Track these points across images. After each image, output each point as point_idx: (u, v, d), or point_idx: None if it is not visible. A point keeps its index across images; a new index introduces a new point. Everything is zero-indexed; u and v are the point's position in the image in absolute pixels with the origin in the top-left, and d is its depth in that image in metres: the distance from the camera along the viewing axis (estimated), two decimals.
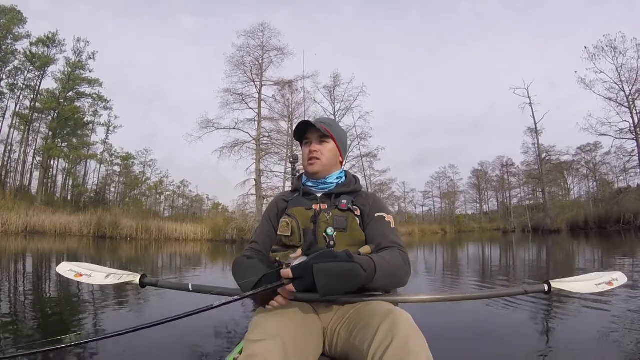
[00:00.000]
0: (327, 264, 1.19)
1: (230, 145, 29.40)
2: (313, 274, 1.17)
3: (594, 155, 44.48)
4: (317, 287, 1.17)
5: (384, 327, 1.16)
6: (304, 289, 1.20)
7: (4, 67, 34.70)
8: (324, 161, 1.74)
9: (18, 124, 36.17)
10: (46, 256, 11.41)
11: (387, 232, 1.59)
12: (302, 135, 1.79)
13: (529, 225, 39.90)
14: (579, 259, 10.97)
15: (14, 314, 4.10)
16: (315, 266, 1.18)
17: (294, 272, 1.20)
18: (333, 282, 1.18)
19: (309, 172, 1.76)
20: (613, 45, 30.23)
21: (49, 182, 39.37)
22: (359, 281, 1.24)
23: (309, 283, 1.18)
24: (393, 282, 1.44)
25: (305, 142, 1.79)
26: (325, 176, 1.77)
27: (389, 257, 1.42)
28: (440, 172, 62.02)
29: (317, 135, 1.75)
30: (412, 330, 1.15)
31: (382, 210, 1.68)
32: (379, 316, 1.23)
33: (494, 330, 3.80)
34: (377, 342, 1.13)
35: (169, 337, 3.31)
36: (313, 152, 1.73)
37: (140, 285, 1.94)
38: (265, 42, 31.40)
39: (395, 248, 1.50)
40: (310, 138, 1.76)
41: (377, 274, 1.30)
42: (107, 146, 42.92)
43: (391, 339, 1.10)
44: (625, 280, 1.94)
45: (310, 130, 1.76)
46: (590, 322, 3.87)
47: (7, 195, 27.56)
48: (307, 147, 1.76)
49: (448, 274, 8.84)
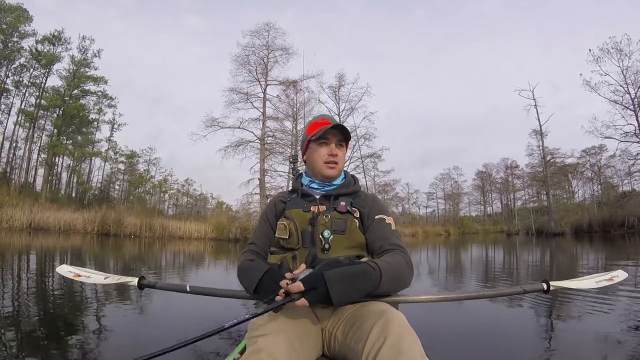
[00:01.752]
0: (336, 269, 1.19)
1: (234, 144, 29.50)
2: (325, 282, 1.16)
3: (598, 158, 44.44)
4: (331, 294, 1.15)
5: (376, 327, 1.15)
6: (317, 301, 1.17)
7: (10, 64, 34.84)
8: (340, 166, 1.71)
9: (23, 121, 36.35)
10: (50, 253, 11.43)
11: (388, 234, 1.56)
12: (321, 133, 1.68)
13: (532, 227, 39.69)
14: (582, 262, 10.91)
15: (16, 311, 4.10)
16: (326, 273, 1.17)
17: (305, 284, 1.17)
18: (347, 287, 1.18)
19: (327, 175, 1.69)
20: (618, 48, 29.99)
21: (54, 179, 39.56)
22: (371, 282, 1.24)
23: (322, 292, 1.16)
24: (397, 285, 1.41)
25: (322, 142, 1.69)
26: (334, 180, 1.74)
27: (392, 260, 1.40)
28: (445, 174, 62.12)
29: (337, 139, 1.70)
30: (405, 330, 1.14)
31: (382, 211, 1.64)
32: (373, 317, 1.22)
33: (496, 331, 3.78)
34: (370, 343, 1.13)
35: (168, 338, 3.32)
36: (335, 156, 1.68)
37: (138, 287, 1.94)
38: (271, 42, 31.51)
39: (398, 250, 1.48)
40: (331, 140, 1.69)
41: (382, 278, 1.29)
42: (112, 144, 43.22)
43: (384, 340, 1.10)
44: (626, 276, 1.96)
45: (331, 131, 1.68)
46: (594, 322, 3.84)
47: (12, 192, 27.71)
48: (325, 148, 1.68)
49: (451, 276, 8.83)
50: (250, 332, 1.24)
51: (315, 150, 1.70)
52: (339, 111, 34.87)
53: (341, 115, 34.53)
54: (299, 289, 1.17)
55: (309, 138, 1.72)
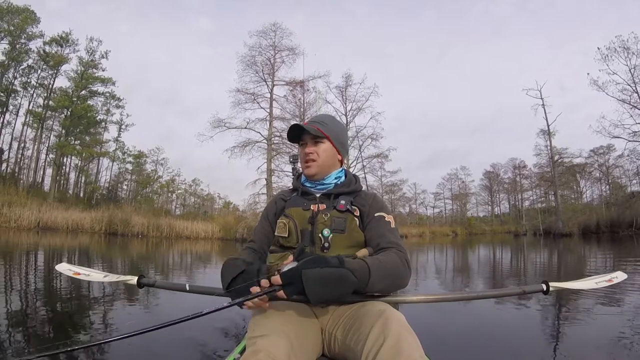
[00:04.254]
0: (315, 270, 1.18)
1: (241, 144, 29.56)
2: (301, 280, 1.16)
3: (606, 158, 44.03)
4: (307, 293, 1.16)
5: (376, 328, 1.16)
6: (295, 295, 1.18)
7: (18, 65, 35.15)
8: (320, 162, 1.69)
9: (31, 121, 36.66)
10: (57, 252, 11.51)
11: (386, 232, 1.55)
12: (298, 137, 1.74)
13: (540, 228, 39.47)
14: (589, 263, 10.82)
15: (24, 310, 4.14)
16: (304, 272, 1.17)
17: (283, 279, 1.18)
18: (322, 288, 1.17)
19: (306, 174, 1.72)
20: (626, 46, 29.61)
21: (62, 179, 39.90)
22: (350, 287, 1.21)
23: (299, 289, 1.16)
24: (391, 284, 1.40)
25: (301, 143, 1.74)
26: (324, 177, 1.73)
27: (385, 258, 1.39)
28: (452, 174, 61.85)
29: (311, 137, 1.70)
30: (404, 330, 1.14)
31: (381, 209, 1.64)
32: (372, 317, 1.22)
33: (499, 331, 3.77)
34: (369, 344, 1.13)
35: (167, 339, 3.32)
36: (308, 154, 1.68)
37: (137, 286, 1.95)
38: (277, 42, 31.52)
39: (393, 249, 1.47)
40: (305, 139, 1.71)
41: (371, 278, 1.27)
42: (120, 144, 43.41)
43: (383, 340, 1.10)
44: (625, 277, 1.97)
45: (304, 130, 1.71)
46: (600, 325, 3.80)
47: (20, 192, 27.99)
48: (303, 149, 1.72)
49: (457, 276, 8.80)
50: (250, 333, 1.24)
51: (299, 153, 1.76)
52: (345, 111, 34.78)
53: (348, 116, 34.47)
54: (278, 282, 1.18)
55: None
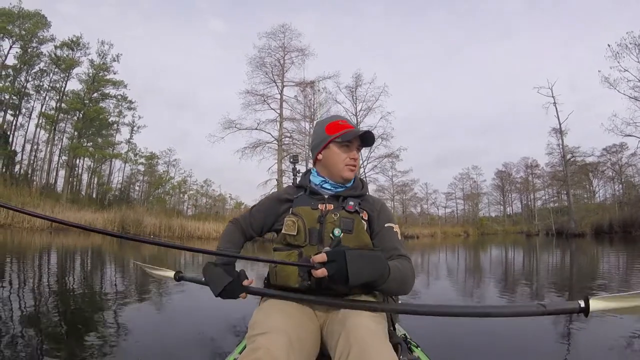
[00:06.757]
0: (357, 251, 1.26)
1: (252, 145, 29.76)
2: (345, 258, 1.20)
3: (619, 156, 43.59)
4: (349, 270, 1.19)
5: (341, 339, 1.21)
6: (335, 272, 1.21)
7: (30, 69, 35.73)
8: (356, 169, 1.73)
9: (44, 123, 37.20)
10: (70, 252, 11.64)
11: (396, 243, 1.60)
12: (349, 140, 1.69)
13: (552, 228, 39.15)
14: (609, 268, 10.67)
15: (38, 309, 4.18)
16: (347, 251, 1.23)
17: (328, 256, 1.22)
18: (363, 267, 1.23)
19: (347, 177, 1.70)
20: (637, 43, 29.34)
21: (75, 180, 40.39)
22: (385, 268, 1.30)
23: (341, 266, 1.20)
24: (400, 289, 1.45)
25: (347, 144, 1.69)
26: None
27: (402, 266, 1.45)
28: (464, 173, 61.75)
29: (358, 143, 1.72)
30: (369, 337, 1.19)
31: (390, 220, 1.67)
32: (340, 324, 1.29)
33: (507, 343, 3.51)
34: (338, 353, 1.19)
35: (167, 338, 3.34)
36: (356, 160, 1.70)
37: (175, 279, 2.16)
38: (287, 43, 31.67)
39: (405, 259, 1.53)
40: (354, 144, 1.70)
41: (390, 277, 1.33)
42: (132, 146, 43.89)
43: (348, 352, 1.15)
44: None
45: (357, 136, 1.70)
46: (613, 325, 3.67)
47: (33, 193, 28.36)
48: (348, 152, 1.69)
49: (469, 279, 8.74)
50: (250, 331, 1.27)
51: (336, 152, 1.69)
52: (356, 111, 34.80)
53: (358, 116, 34.47)
54: (322, 260, 1.22)
55: (332, 139, 1.70)
